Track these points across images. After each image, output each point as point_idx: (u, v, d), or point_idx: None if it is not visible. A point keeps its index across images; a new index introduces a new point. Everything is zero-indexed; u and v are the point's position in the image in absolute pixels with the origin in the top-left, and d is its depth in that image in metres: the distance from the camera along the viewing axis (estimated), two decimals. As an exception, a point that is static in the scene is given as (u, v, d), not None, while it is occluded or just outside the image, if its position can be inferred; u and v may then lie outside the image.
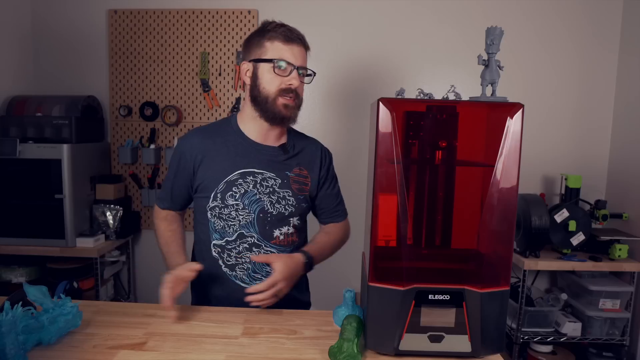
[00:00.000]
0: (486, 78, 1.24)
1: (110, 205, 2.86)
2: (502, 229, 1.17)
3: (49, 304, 1.23)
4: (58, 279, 2.59)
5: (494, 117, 1.19)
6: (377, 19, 3.00)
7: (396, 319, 1.15)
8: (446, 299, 1.15)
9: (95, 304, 1.49)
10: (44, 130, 2.71)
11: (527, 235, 2.58)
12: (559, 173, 2.97)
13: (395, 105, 1.13)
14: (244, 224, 1.54)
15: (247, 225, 1.54)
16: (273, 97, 1.50)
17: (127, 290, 3.19)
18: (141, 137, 3.06)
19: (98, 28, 3.07)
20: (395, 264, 1.17)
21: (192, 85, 3.05)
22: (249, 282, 1.56)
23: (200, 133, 1.62)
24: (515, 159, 1.13)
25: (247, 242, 1.55)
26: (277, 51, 1.49)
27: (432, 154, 1.25)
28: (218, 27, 3.00)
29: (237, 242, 1.55)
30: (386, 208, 1.16)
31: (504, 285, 1.17)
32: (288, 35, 1.49)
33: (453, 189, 1.27)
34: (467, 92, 1.35)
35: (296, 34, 1.51)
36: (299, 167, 1.61)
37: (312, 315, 1.46)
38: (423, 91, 1.22)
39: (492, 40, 1.21)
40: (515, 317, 2.66)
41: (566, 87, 3.02)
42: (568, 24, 2.97)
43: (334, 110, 3.08)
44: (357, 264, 1.49)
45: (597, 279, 2.69)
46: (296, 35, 1.51)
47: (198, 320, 1.39)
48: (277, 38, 1.49)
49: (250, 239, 1.55)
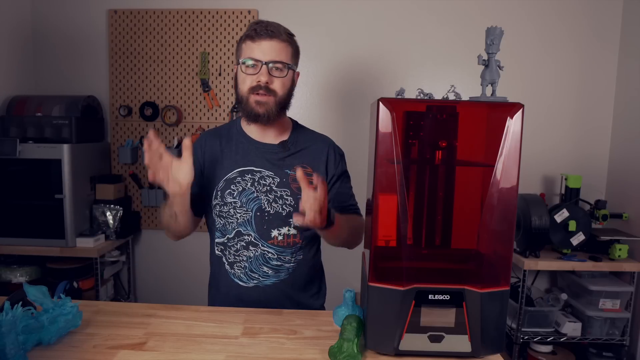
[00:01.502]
0: (486, 78, 1.24)
1: (110, 205, 2.86)
2: (502, 229, 1.17)
3: (49, 304, 1.23)
4: (58, 279, 2.59)
5: (494, 117, 1.18)
6: (376, 19, 3.00)
7: (396, 319, 1.15)
8: (446, 299, 1.14)
9: (95, 304, 1.49)
10: (44, 130, 2.71)
11: (527, 235, 2.58)
12: (559, 173, 2.97)
13: (395, 105, 1.13)
14: (241, 222, 1.54)
15: (244, 223, 1.54)
16: (246, 97, 1.50)
17: (127, 290, 3.19)
18: (141, 137, 3.06)
19: (98, 28, 3.07)
20: (395, 264, 1.17)
21: (192, 85, 3.05)
22: (246, 281, 1.56)
23: (209, 134, 1.67)
24: (515, 159, 1.13)
25: (244, 241, 1.55)
26: (246, 51, 1.50)
27: (432, 154, 1.25)
28: (218, 27, 3.00)
29: (235, 240, 1.56)
30: (386, 208, 1.15)
31: (504, 285, 1.16)
32: (256, 30, 1.48)
33: (453, 189, 1.27)
34: (467, 92, 1.35)
35: (266, 28, 1.48)
36: (302, 165, 1.57)
37: (312, 315, 1.46)
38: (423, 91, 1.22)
39: (492, 40, 1.21)
40: (515, 317, 2.66)
41: (566, 87, 3.02)
42: (568, 24, 2.97)
43: (334, 110, 3.08)
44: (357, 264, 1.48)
45: (597, 279, 2.69)
46: (264, 30, 1.48)
47: (198, 320, 1.39)
48: (247, 37, 1.50)
49: (247, 237, 1.55)
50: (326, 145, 1.65)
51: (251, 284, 1.57)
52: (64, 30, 3.08)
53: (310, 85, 3.05)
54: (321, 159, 1.62)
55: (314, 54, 3.01)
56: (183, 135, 3.05)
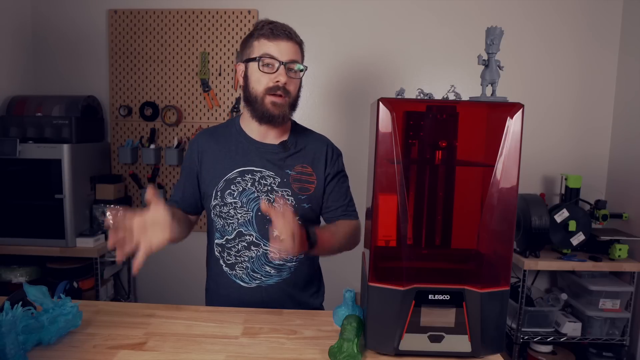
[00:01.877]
0: (486, 78, 1.24)
1: (111, 205, 2.86)
2: (502, 229, 1.17)
3: (49, 304, 1.23)
4: (58, 279, 2.58)
5: (494, 117, 1.19)
6: (377, 19, 3.00)
7: (396, 319, 1.15)
8: (446, 299, 1.15)
9: (95, 304, 1.49)
10: (44, 130, 2.71)
11: (527, 235, 2.58)
12: (559, 173, 2.97)
13: (395, 105, 1.13)
14: (242, 222, 1.54)
15: (245, 223, 1.54)
16: (261, 96, 1.48)
17: (127, 290, 3.19)
18: (141, 137, 3.07)
19: (98, 28, 3.07)
20: (395, 264, 1.17)
21: (192, 85, 3.05)
22: (248, 282, 1.56)
23: (205, 134, 1.65)
24: (515, 159, 1.13)
25: (246, 241, 1.55)
26: (262, 48, 1.47)
27: (432, 154, 1.25)
28: (218, 27, 3.00)
29: (237, 241, 1.55)
30: (386, 208, 1.16)
31: (504, 285, 1.16)
32: (273, 31, 1.47)
33: (453, 189, 1.27)
34: (467, 92, 1.35)
35: (282, 28, 1.48)
36: (302, 165, 1.58)
37: (312, 315, 1.46)
38: (423, 91, 1.22)
39: (492, 40, 1.21)
40: (515, 317, 2.66)
41: (566, 87, 3.02)
42: (568, 24, 2.97)
43: (334, 110, 3.09)
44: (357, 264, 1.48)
45: (597, 279, 2.69)
46: (282, 30, 1.48)
47: (198, 320, 1.39)
48: (262, 35, 1.48)
49: (248, 237, 1.55)
50: (324, 145, 1.65)
51: (253, 284, 1.56)
52: (64, 30, 3.08)
53: (311, 85, 3.05)
54: (320, 158, 1.62)
55: (314, 54, 3.01)
56: (183, 135, 3.05)
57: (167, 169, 3.09)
